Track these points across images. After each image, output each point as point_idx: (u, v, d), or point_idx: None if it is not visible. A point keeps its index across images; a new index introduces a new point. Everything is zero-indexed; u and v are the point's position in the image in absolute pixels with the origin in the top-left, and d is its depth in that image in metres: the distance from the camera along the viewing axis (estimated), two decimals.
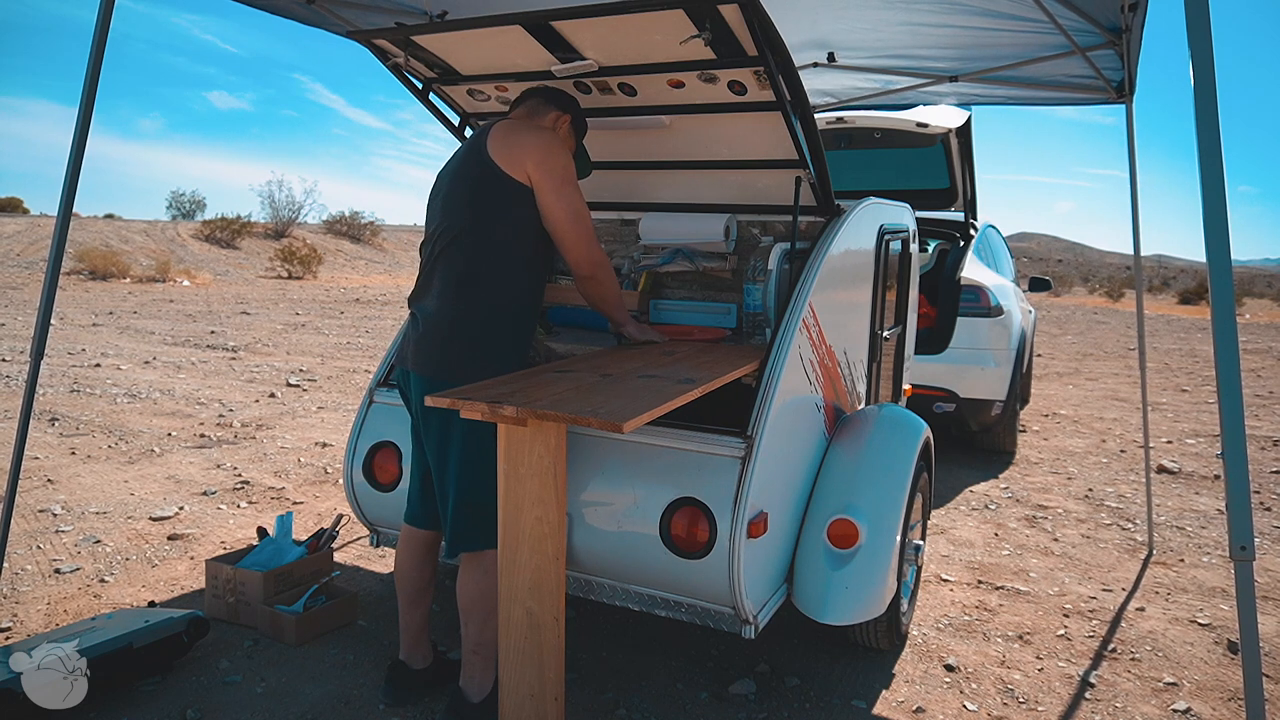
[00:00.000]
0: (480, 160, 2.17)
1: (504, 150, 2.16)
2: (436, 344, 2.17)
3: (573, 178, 2.20)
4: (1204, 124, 1.65)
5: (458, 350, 2.15)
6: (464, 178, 2.22)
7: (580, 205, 2.20)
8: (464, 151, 2.28)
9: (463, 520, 2.16)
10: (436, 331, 2.17)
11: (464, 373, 2.09)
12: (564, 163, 2.18)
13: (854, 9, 3.57)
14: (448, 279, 2.18)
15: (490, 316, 2.17)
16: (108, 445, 5.07)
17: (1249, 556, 1.67)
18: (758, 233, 2.95)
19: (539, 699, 1.94)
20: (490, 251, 2.16)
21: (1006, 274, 6.09)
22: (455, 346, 2.15)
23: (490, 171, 2.14)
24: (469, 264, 2.16)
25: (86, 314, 11.90)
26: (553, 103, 2.37)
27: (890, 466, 2.59)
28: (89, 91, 2.59)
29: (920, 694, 2.58)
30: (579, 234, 2.20)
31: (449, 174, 2.28)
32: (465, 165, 2.23)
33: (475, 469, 2.13)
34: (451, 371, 2.12)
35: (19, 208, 34.86)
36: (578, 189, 2.21)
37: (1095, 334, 15.71)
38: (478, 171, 2.17)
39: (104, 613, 2.80)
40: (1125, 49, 3.46)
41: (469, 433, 2.10)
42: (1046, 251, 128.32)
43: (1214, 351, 1.68)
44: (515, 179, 2.14)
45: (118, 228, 24.30)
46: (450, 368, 2.13)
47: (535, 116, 2.34)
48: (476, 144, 2.22)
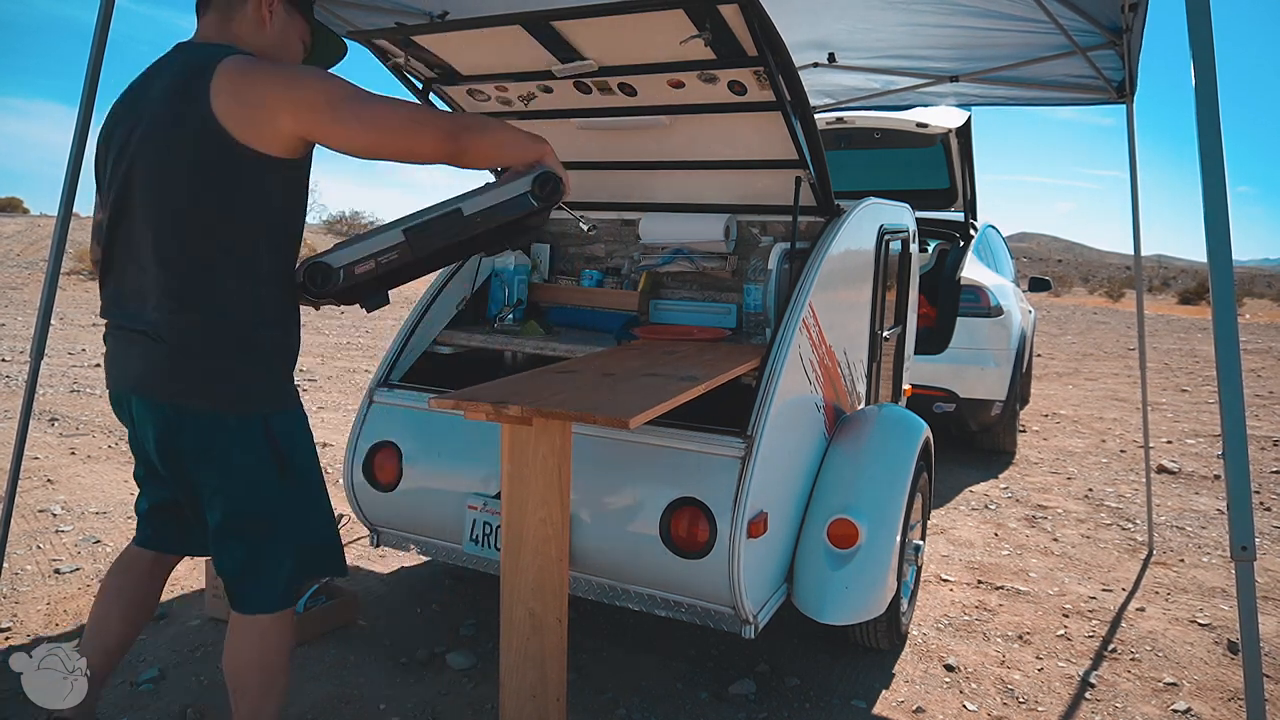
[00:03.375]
0: (203, 122, 1.56)
1: (235, 116, 1.55)
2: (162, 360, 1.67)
3: (339, 90, 1.59)
4: (1204, 124, 1.65)
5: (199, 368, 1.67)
6: (170, 144, 1.60)
7: (371, 110, 1.60)
8: (169, 106, 1.61)
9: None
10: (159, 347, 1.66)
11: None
12: (315, 83, 1.60)
13: (854, 9, 3.57)
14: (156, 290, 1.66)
15: (250, 328, 1.68)
16: (108, 445, 5.07)
17: (1249, 556, 1.67)
18: (758, 233, 2.95)
19: (541, 699, 1.94)
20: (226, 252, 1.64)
21: (1006, 274, 6.09)
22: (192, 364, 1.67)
23: (217, 140, 1.56)
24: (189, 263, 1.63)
25: (86, 314, 11.90)
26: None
27: (890, 466, 2.59)
28: (89, 91, 2.59)
29: (920, 694, 2.58)
30: (401, 140, 1.63)
31: (146, 137, 1.63)
32: (176, 128, 1.60)
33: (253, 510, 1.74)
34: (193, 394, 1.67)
35: (19, 208, 34.85)
36: (354, 95, 1.59)
37: (1095, 334, 15.71)
38: (195, 137, 1.57)
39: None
40: (1126, 49, 3.46)
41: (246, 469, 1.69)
42: (1046, 251, 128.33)
43: (1214, 351, 1.68)
44: (256, 149, 1.58)
45: None
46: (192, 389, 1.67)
47: (231, 15, 1.72)
48: (191, 93, 1.57)
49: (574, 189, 3.06)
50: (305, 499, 1.79)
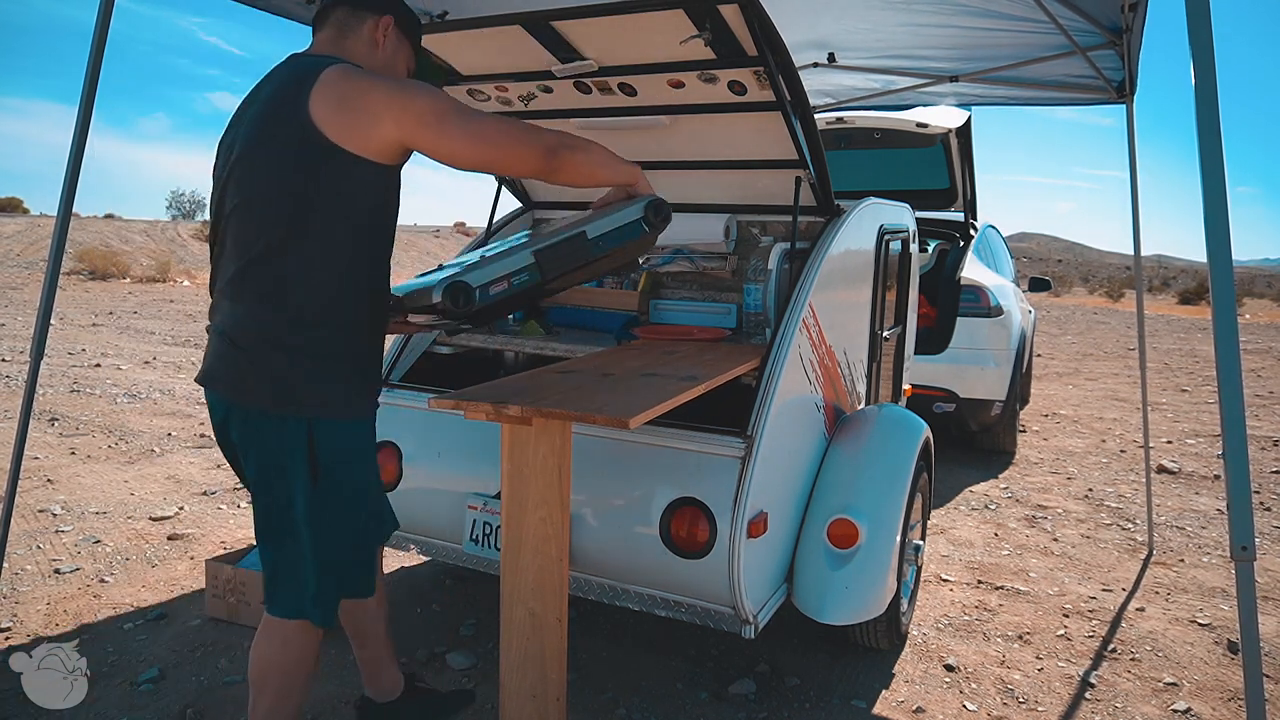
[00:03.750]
0: (299, 124, 1.61)
1: (336, 119, 1.60)
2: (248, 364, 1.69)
3: (446, 104, 1.66)
4: (1204, 124, 1.65)
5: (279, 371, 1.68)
6: (275, 146, 1.65)
7: (476, 124, 1.66)
8: (270, 108, 1.68)
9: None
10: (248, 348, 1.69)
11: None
12: (425, 96, 1.64)
13: (854, 9, 3.57)
14: (238, 288, 1.70)
15: (306, 338, 1.67)
16: (108, 445, 5.07)
17: (1249, 556, 1.67)
18: (758, 233, 2.95)
19: (541, 700, 1.94)
20: (308, 251, 1.66)
21: (1006, 274, 6.10)
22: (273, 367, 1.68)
23: (309, 141, 1.61)
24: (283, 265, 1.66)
25: (86, 314, 11.90)
26: (364, 6, 1.80)
27: (890, 466, 2.59)
28: (89, 91, 2.59)
29: (920, 694, 2.57)
30: (501, 153, 1.70)
31: (247, 138, 1.70)
32: (273, 128, 1.66)
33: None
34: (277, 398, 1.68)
35: (19, 208, 34.84)
36: (460, 110, 1.67)
37: (1095, 334, 15.71)
38: (297, 141, 1.62)
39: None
40: (1126, 49, 3.46)
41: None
42: (1046, 251, 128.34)
43: (1214, 351, 1.68)
44: (360, 155, 1.62)
45: (118, 228, 24.29)
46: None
47: (347, 35, 1.79)
48: (291, 97, 1.63)
49: (575, 189, 3.07)
50: (337, 514, 1.73)
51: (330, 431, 1.70)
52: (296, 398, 1.66)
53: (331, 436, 1.70)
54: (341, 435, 1.72)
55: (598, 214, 1.86)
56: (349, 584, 1.83)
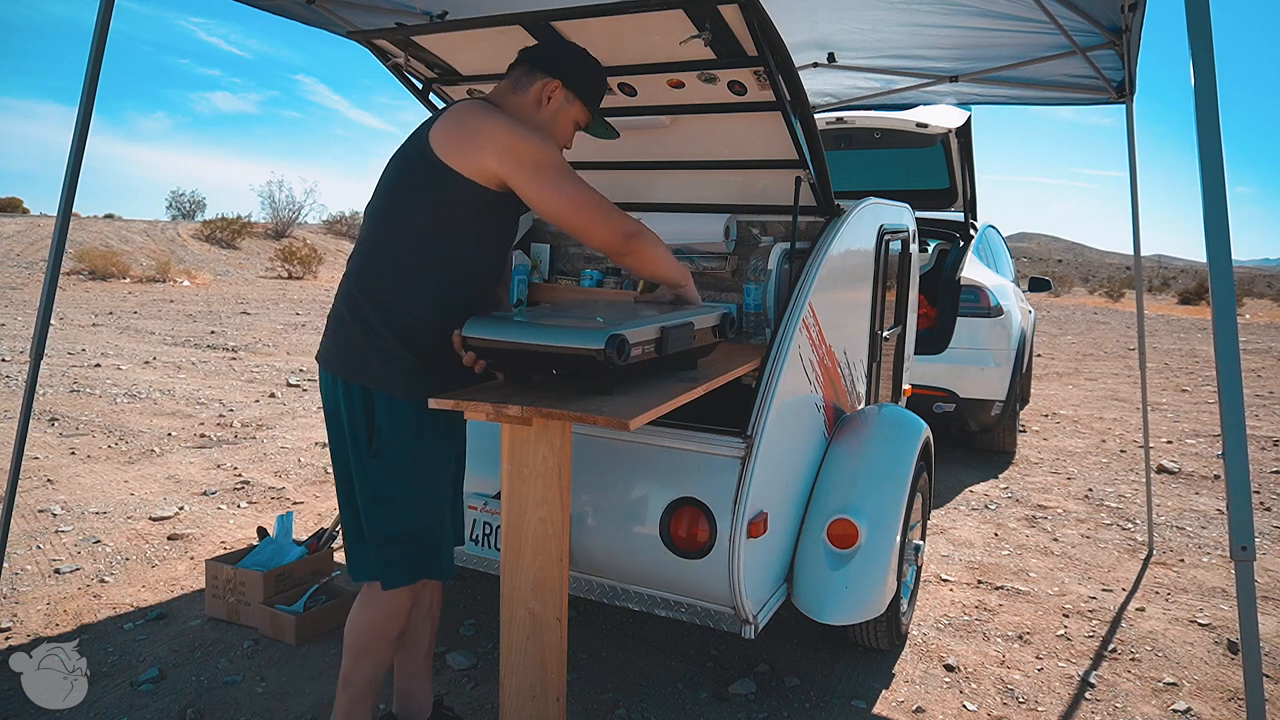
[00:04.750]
0: (419, 146, 1.85)
1: (450, 139, 1.81)
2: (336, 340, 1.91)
3: (552, 160, 1.83)
4: (1204, 124, 1.65)
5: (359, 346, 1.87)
6: (399, 156, 1.92)
7: (571, 186, 1.83)
8: (414, 131, 1.95)
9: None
10: (338, 325, 1.91)
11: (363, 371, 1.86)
12: (535, 146, 1.81)
13: (854, 9, 3.57)
14: (349, 269, 1.93)
15: (382, 318, 1.86)
16: (108, 445, 5.07)
17: (1249, 556, 1.67)
18: (758, 233, 2.95)
19: (541, 700, 1.94)
20: (398, 246, 1.87)
21: (1006, 274, 6.10)
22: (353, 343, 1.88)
23: (426, 162, 1.82)
24: (370, 255, 1.89)
25: (86, 314, 11.90)
26: (539, 67, 1.98)
27: (890, 466, 2.59)
28: (88, 91, 2.59)
29: (920, 694, 2.58)
30: (583, 218, 1.85)
31: (397, 149, 1.97)
32: (405, 145, 1.92)
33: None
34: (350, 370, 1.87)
35: (19, 208, 34.84)
36: (563, 169, 1.84)
37: (1095, 334, 15.71)
38: (415, 157, 1.86)
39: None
40: (1125, 49, 3.46)
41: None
42: (1046, 251, 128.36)
43: (1214, 351, 1.68)
44: (459, 173, 1.80)
45: (118, 228, 24.28)
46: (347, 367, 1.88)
47: (518, 90, 1.98)
48: (424, 125, 1.91)
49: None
50: (390, 482, 1.87)
51: (388, 406, 1.86)
52: (362, 367, 1.86)
53: (389, 410, 1.86)
54: (398, 412, 1.87)
55: (694, 311, 2.02)
56: (424, 563, 1.95)
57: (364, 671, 1.96)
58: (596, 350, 1.66)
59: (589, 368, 1.70)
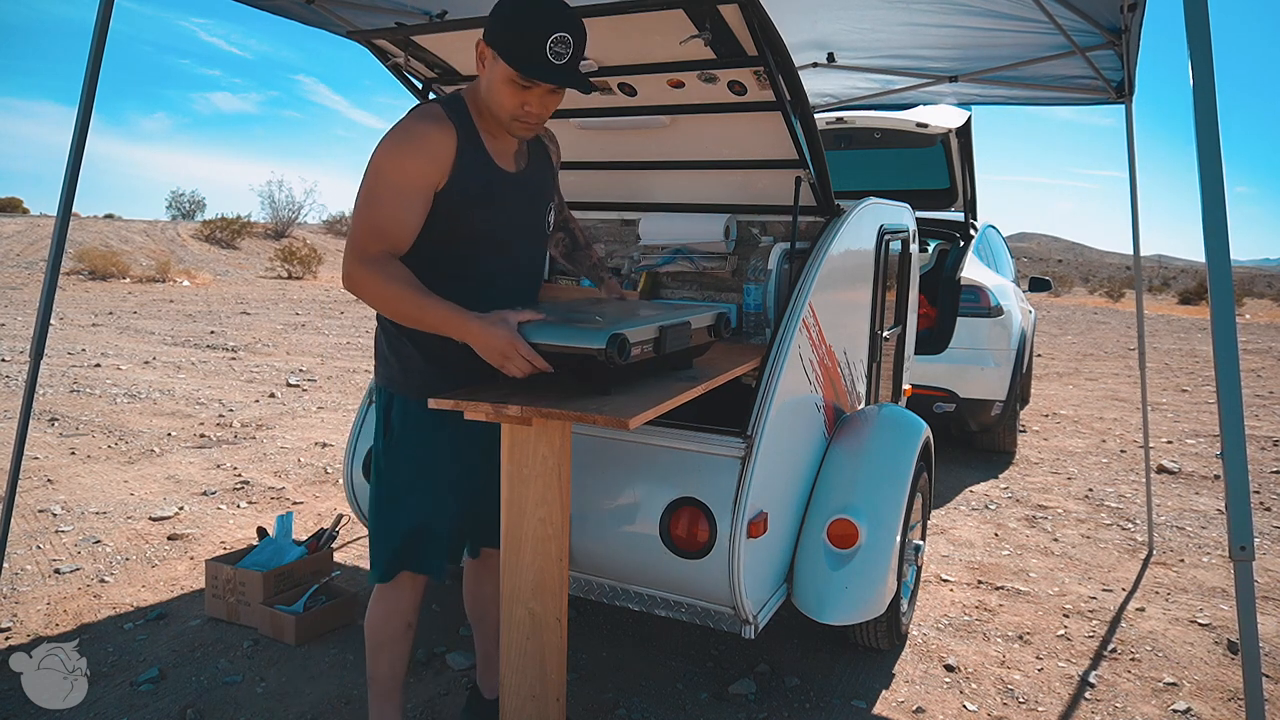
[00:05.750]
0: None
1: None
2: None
3: (372, 168, 1.76)
4: (1203, 124, 1.65)
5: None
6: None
7: (361, 199, 1.76)
8: None
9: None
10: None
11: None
12: (377, 154, 1.76)
13: (854, 9, 3.57)
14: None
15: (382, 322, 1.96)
16: (107, 445, 5.07)
17: (1249, 556, 1.67)
18: (758, 233, 2.95)
19: (541, 700, 1.94)
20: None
21: (1006, 274, 6.10)
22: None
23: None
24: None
25: (86, 314, 11.90)
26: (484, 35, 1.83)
27: (890, 466, 2.59)
28: (88, 91, 2.59)
29: (920, 694, 2.58)
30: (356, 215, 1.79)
31: None
32: None
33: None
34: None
35: (19, 208, 34.84)
36: (371, 181, 1.76)
37: (1095, 334, 15.72)
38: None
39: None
40: (1125, 49, 3.46)
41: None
42: (1046, 251, 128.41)
43: (1214, 351, 1.68)
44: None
45: (118, 228, 24.29)
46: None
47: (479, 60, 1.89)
48: None
49: (574, 189, 3.07)
50: (400, 478, 1.94)
51: (402, 406, 1.93)
52: (386, 373, 1.96)
53: (402, 410, 1.93)
54: (409, 412, 1.92)
55: (692, 309, 2.04)
56: (424, 558, 1.98)
57: (381, 666, 2.01)
58: (598, 350, 1.66)
59: (589, 367, 1.70)
